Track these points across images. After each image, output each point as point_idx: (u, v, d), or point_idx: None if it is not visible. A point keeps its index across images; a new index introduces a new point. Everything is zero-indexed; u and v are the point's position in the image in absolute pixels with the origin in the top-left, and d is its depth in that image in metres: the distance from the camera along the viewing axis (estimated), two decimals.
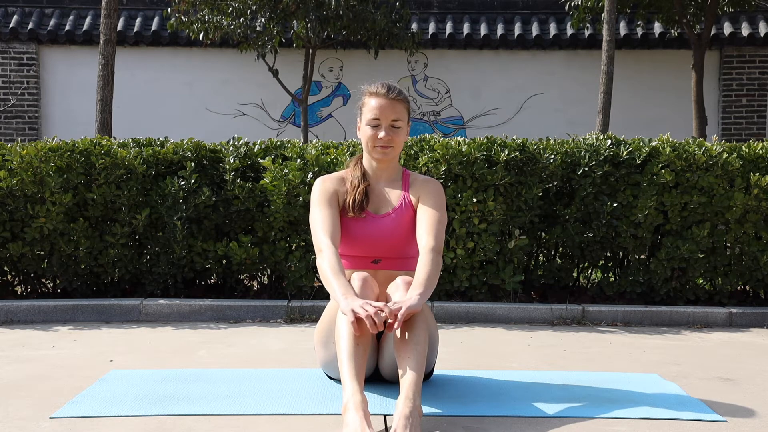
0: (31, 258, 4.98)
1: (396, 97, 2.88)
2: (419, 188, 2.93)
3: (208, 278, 5.29)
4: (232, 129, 10.21)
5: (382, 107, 2.86)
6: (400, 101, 2.89)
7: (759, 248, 4.94)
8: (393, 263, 2.89)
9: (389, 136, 2.86)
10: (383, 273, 2.88)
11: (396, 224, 2.89)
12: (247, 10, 8.81)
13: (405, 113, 2.91)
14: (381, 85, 2.90)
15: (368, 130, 2.88)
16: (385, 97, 2.87)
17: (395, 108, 2.87)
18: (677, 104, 10.64)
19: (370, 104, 2.88)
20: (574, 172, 4.95)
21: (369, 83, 2.95)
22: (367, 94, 2.92)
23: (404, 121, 2.90)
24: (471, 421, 2.53)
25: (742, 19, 10.95)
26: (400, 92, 2.91)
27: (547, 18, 11.18)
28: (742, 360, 3.72)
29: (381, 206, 2.93)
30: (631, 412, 2.63)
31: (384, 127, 2.86)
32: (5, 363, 3.51)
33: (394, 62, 10.78)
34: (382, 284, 2.84)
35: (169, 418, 2.56)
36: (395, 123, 2.87)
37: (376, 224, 2.89)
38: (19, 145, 4.99)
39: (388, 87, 2.89)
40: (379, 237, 2.88)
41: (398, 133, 2.88)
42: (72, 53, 10.92)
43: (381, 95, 2.87)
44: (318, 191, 2.94)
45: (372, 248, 2.89)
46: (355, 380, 2.43)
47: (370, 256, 2.89)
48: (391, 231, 2.88)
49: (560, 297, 5.09)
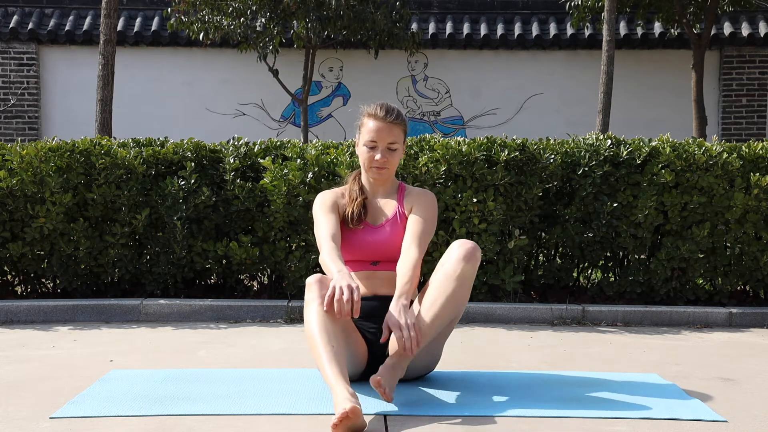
0: (31, 258, 4.98)
1: (394, 120, 3.00)
2: (413, 200, 3.08)
3: (208, 278, 5.29)
4: (232, 129, 10.21)
5: (379, 130, 2.99)
6: (397, 125, 3.01)
7: (759, 248, 4.94)
8: (390, 265, 3.02)
9: (385, 158, 3.00)
10: (382, 273, 3.04)
11: (391, 233, 3.05)
12: (247, 10, 8.81)
13: (402, 135, 3.04)
14: (380, 107, 3.02)
15: (365, 151, 3.03)
16: (383, 121, 2.99)
17: (392, 131, 3.00)
18: (677, 104, 10.64)
19: (368, 126, 3.01)
20: (574, 172, 4.95)
21: (369, 103, 3.07)
22: (366, 115, 3.05)
23: (400, 143, 3.04)
24: (471, 421, 2.53)
25: (742, 19, 10.95)
26: (398, 115, 3.03)
27: (547, 18, 11.18)
28: (742, 360, 3.72)
29: (378, 217, 3.09)
30: (631, 412, 2.63)
31: (380, 150, 3.00)
32: (5, 363, 3.51)
33: (394, 62, 10.79)
34: (382, 280, 3.02)
35: (169, 418, 2.56)
36: (391, 146, 3.01)
37: (374, 233, 3.06)
38: (19, 145, 4.99)
39: (387, 110, 3.01)
40: (377, 245, 3.04)
41: (394, 155, 3.03)
42: (72, 53, 10.92)
43: (379, 118, 3.00)
44: (319, 203, 3.11)
45: (371, 254, 3.05)
46: (334, 364, 2.58)
47: (369, 260, 3.05)
48: (387, 240, 3.04)
49: (560, 297, 5.09)
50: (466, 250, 2.83)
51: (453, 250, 2.86)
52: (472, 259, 2.83)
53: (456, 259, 2.82)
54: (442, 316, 2.82)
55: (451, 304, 2.83)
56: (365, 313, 2.92)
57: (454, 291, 2.81)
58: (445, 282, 2.81)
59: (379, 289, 3.02)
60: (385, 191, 3.13)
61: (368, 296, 3.00)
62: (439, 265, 2.88)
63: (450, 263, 2.83)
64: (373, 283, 3.03)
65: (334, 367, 2.56)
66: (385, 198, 3.12)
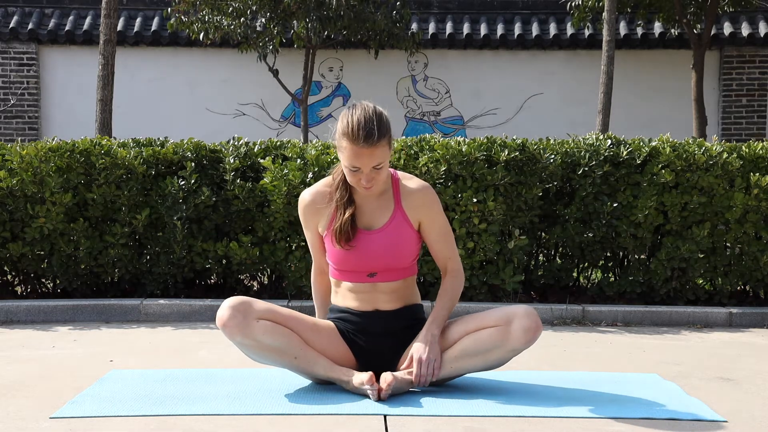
0: (31, 258, 4.98)
1: (375, 143, 2.62)
2: (415, 204, 2.82)
3: (208, 278, 5.29)
4: (232, 129, 10.18)
5: (360, 156, 2.63)
6: (380, 146, 2.64)
7: (759, 248, 4.94)
8: (389, 275, 2.82)
9: (371, 179, 2.69)
10: (382, 285, 2.84)
11: (390, 240, 2.79)
12: (248, 10, 8.81)
13: (386, 152, 2.68)
14: (358, 128, 2.61)
15: (349, 172, 2.70)
16: (366, 147, 2.61)
17: (374, 154, 2.63)
18: (677, 104, 10.63)
19: (348, 150, 2.64)
20: (574, 172, 4.95)
21: (344, 118, 2.68)
22: (343, 136, 2.66)
23: (386, 158, 2.69)
24: (471, 421, 2.53)
25: (742, 19, 10.95)
26: (380, 134, 2.62)
27: (547, 18, 11.17)
28: (742, 360, 3.72)
29: (373, 222, 2.82)
30: (631, 412, 2.63)
31: (365, 173, 2.67)
32: (5, 363, 3.51)
33: (394, 62, 10.78)
34: (381, 293, 2.84)
35: (169, 418, 2.56)
36: (377, 166, 2.67)
37: (370, 240, 2.79)
38: (19, 145, 5.00)
39: (366, 134, 2.60)
40: (373, 253, 2.78)
41: (380, 172, 2.70)
42: (72, 53, 10.92)
43: (360, 144, 2.61)
44: (300, 214, 2.92)
45: (367, 264, 2.80)
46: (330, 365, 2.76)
47: (365, 271, 2.82)
48: (385, 247, 2.79)
49: (560, 297, 5.09)
50: (533, 335, 2.69)
51: (520, 320, 2.68)
52: (532, 341, 2.70)
53: (516, 337, 2.68)
54: (470, 370, 2.80)
55: (486, 366, 2.79)
56: (365, 328, 2.86)
57: (497, 359, 2.76)
58: (493, 348, 2.72)
59: (382, 304, 2.84)
60: (377, 191, 2.81)
61: (368, 311, 2.85)
62: (494, 316, 2.72)
63: (510, 333, 2.68)
64: (374, 297, 2.84)
65: (321, 359, 2.75)
66: (378, 199, 2.82)
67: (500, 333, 2.70)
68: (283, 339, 2.72)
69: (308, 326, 2.81)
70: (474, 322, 2.77)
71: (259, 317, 2.69)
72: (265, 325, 2.69)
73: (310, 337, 2.79)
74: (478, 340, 2.73)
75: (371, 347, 2.87)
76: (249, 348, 2.73)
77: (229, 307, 2.68)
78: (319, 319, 2.94)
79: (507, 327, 2.70)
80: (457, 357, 2.76)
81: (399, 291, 2.86)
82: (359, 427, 2.46)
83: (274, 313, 2.73)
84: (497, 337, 2.71)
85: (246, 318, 2.67)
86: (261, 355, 2.75)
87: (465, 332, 2.77)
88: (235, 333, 2.68)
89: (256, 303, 2.72)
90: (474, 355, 2.75)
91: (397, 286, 2.85)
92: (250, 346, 2.71)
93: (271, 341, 2.70)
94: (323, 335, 2.83)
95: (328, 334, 2.85)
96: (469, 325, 2.77)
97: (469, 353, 2.75)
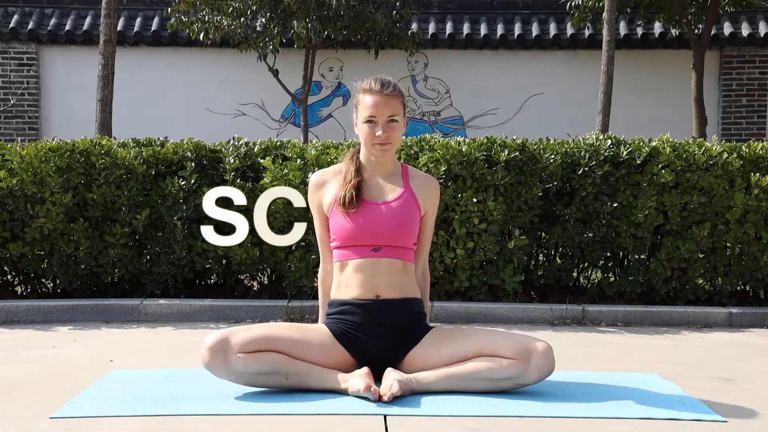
0: (31, 258, 4.98)
1: (391, 92, 2.88)
2: (423, 189, 2.99)
3: (208, 278, 5.29)
4: (232, 129, 10.19)
5: (377, 104, 2.87)
6: (394, 96, 2.89)
7: (759, 248, 4.94)
8: (393, 251, 2.88)
9: (386, 132, 2.87)
10: (385, 262, 2.87)
11: (396, 212, 2.89)
12: (248, 10, 8.81)
13: (401, 107, 2.91)
14: (375, 80, 2.91)
15: (365, 128, 2.90)
16: (380, 94, 2.87)
17: (390, 104, 2.88)
18: (677, 104, 10.63)
19: (365, 102, 2.90)
20: (574, 172, 4.95)
21: (362, 79, 2.96)
22: (361, 91, 2.93)
23: (401, 115, 2.91)
24: (471, 421, 2.53)
25: (742, 19, 10.95)
26: (395, 87, 2.91)
27: (547, 18, 11.18)
28: (742, 360, 3.72)
29: (379, 195, 2.93)
30: (631, 412, 2.63)
31: (381, 124, 2.87)
32: (5, 363, 3.51)
33: (394, 62, 10.78)
34: (384, 273, 2.86)
35: (169, 418, 2.56)
36: (392, 118, 2.88)
37: (375, 210, 2.89)
38: (19, 145, 5.00)
39: (382, 83, 2.90)
40: (378, 223, 2.87)
41: (395, 128, 2.90)
42: (72, 53, 10.92)
43: (375, 92, 2.88)
44: (309, 194, 3.04)
45: (372, 236, 2.87)
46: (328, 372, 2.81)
47: (370, 245, 2.87)
48: (390, 218, 2.88)
49: (560, 297, 5.09)
50: (547, 374, 2.75)
51: (538, 359, 2.72)
52: (544, 378, 2.76)
53: (531, 375, 2.73)
54: (475, 391, 2.79)
55: (491, 390, 2.79)
56: (364, 322, 2.85)
57: (505, 387, 2.78)
58: (505, 378, 2.74)
59: (383, 290, 2.86)
60: (386, 170, 2.97)
61: (368, 299, 2.87)
62: (512, 348, 2.74)
63: (528, 371, 2.73)
64: (376, 281, 2.85)
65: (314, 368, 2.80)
66: (387, 178, 2.97)
67: (517, 367, 2.74)
68: (269, 365, 2.73)
69: (295, 341, 2.80)
70: (489, 344, 2.78)
71: (239, 351, 2.70)
72: (248, 357, 2.71)
73: (298, 351, 2.79)
74: (493, 369, 2.75)
75: (371, 344, 2.86)
76: (239, 380, 2.76)
77: (208, 348, 2.72)
78: (310, 326, 2.92)
79: (525, 363, 2.73)
80: (467, 377, 2.77)
81: (399, 275, 2.88)
82: (359, 427, 2.47)
83: (254, 342, 2.73)
84: (513, 371, 2.75)
85: (227, 355, 2.70)
86: (253, 383, 2.78)
87: (480, 352, 2.78)
88: (220, 372, 2.73)
89: (233, 336, 2.73)
90: (484, 380, 2.77)
91: (398, 268, 2.88)
92: (239, 379, 2.75)
93: (257, 369, 2.72)
94: (314, 345, 2.83)
95: (319, 342, 2.84)
96: (484, 346, 2.78)
97: (481, 377, 2.77)
